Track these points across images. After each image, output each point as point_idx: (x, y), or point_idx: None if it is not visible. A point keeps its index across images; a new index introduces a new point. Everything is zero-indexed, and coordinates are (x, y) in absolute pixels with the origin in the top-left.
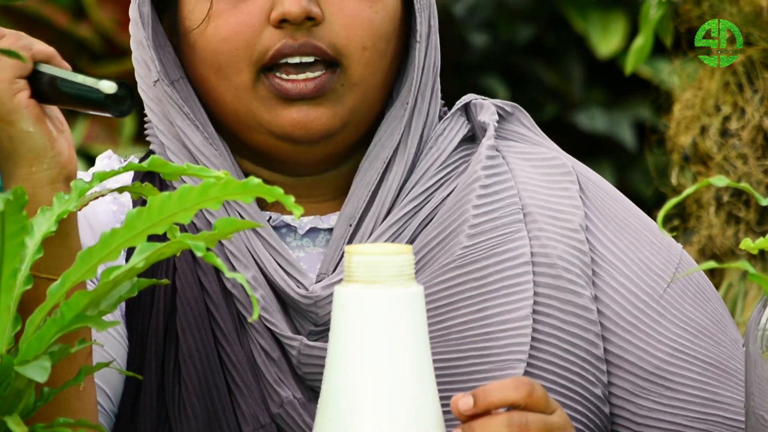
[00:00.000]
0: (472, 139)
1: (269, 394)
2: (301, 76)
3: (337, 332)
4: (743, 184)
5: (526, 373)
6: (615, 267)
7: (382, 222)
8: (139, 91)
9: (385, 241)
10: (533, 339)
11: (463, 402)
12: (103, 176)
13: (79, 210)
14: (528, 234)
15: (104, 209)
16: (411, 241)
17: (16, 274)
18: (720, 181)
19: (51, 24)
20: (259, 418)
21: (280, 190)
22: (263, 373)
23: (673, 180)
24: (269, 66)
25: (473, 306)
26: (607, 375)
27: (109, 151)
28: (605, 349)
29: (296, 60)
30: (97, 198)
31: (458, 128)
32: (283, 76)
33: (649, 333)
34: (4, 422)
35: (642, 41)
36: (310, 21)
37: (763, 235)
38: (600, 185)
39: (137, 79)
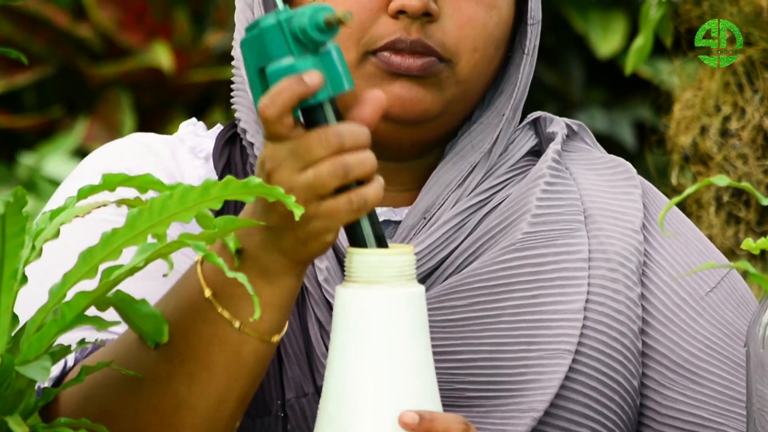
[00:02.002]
0: (537, 153)
1: (317, 366)
2: (409, 57)
3: (338, 332)
4: (744, 184)
5: (573, 361)
6: (660, 266)
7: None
8: (236, 48)
9: (448, 230)
10: (584, 327)
11: (410, 416)
12: (110, 180)
13: (82, 217)
14: (587, 234)
15: (192, 173)
16: (472, 232)
17: (16, 275)
18: (721, 180)
19: (51, 24)
20: (303, 387)
21: (281, 190)
22: (313, 345)
23: (673, 180)
24: (378, 51)
25: (528, 291)
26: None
27: (194, 119)
28: (642, 342)
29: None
30: (99, 207)
31: (527, 139)
32: (392, 55)
33: (684, 328)
34: (4, 422)
35: (642, 41)
36: (426, 16)
37: (764, 235)
38: (659, 195)
39: (236, 34)
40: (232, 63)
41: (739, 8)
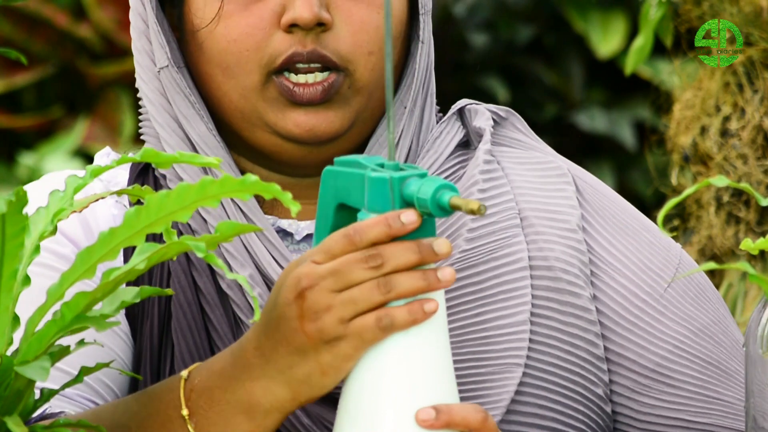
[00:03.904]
0: (466, 144)
1: None
2: (310, 78)
3: None
4: (743, 184)
5: (524, 375)
6: (614, 268)
7: None
8: (138, 80)
9: None
10: (532, 342)
11: (425, 413)
12: (96, 171)
13: (79, 212)
14: (525, 238)
15: (104, 213)
16: None
17: (15, 275)
18: (720, 181)
19: (51, 24)
20: None
21: (277, 187)
22: None
23: (673, 180)
24: (279, 70)
25: (472, 310)
26: (608, 374)
27: (107, 148)
28: (606, 348)
29: (305, 66)
30: (97, 200)
31: (454, 132)
32: (292, 77)
33: (649, 331)
34: (4, 422)
35: (642, 41)
36: (320, 27)
37: (763, 235)
38: (597, 188)
39: (137, 67)
40: (138, 95)
41: (739, 8)
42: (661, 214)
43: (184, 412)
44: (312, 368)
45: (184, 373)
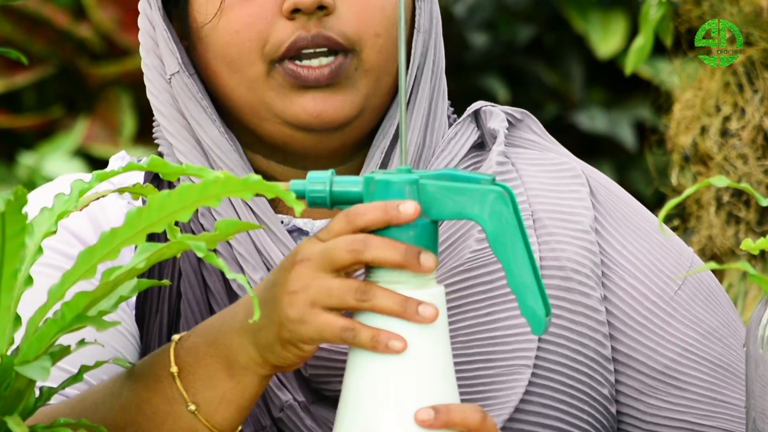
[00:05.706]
0: (481, 146)
1: (270, 397)
2: (315, 62)
3: None
4: (743, 185)
5: (532, 375)
6: (625, 269)
7: None
8: (149, 95)
9: None
10: (541, 341)
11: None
12: (103, 176)
13: (80, 210)
14: (537, 239)
15: (117, 214)
16: None
17: (16, 274)
18: (720, 181)
19: (51, 24)
20: (260, 420)
21: (281, 187)
22: None
23: (673, 180)
24: (283, 58)
25: (481, 310)
26: (615, 374)
27: (123, 152)
28: (614, 349)
29: (310, 51)
30: (98, 198)
31: (469, 134)
32: (297, 62)
33: (659, 333)
34: (4, 422)
35: (642, 41)
36: (321, 10)
37: (764, 235)
38: (611, 189)
39: (146, 83)
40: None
41: (739, 8)
42: (661, 215)
43: (173, 369)
44: (274, 338)
45: (176, 336)
